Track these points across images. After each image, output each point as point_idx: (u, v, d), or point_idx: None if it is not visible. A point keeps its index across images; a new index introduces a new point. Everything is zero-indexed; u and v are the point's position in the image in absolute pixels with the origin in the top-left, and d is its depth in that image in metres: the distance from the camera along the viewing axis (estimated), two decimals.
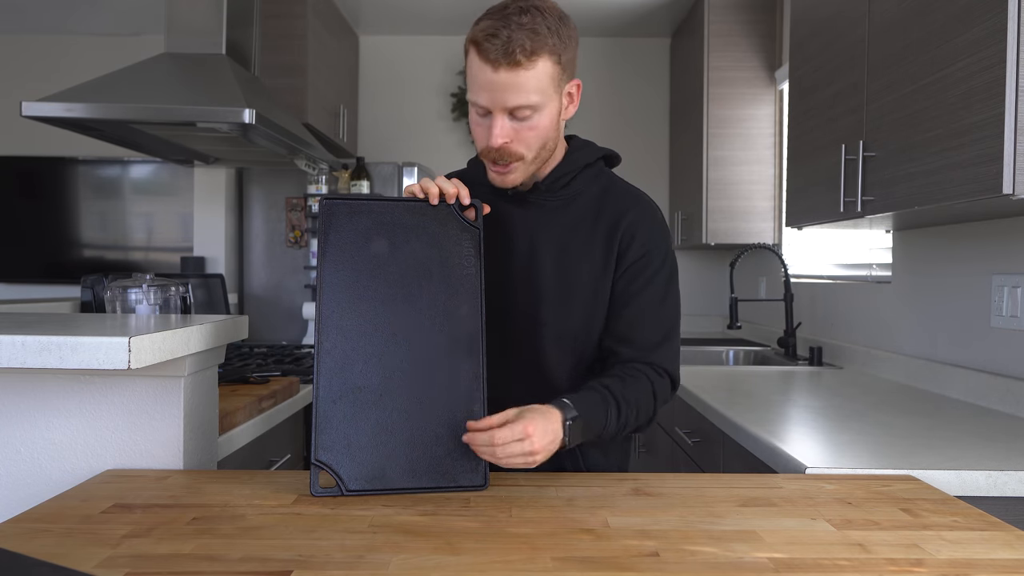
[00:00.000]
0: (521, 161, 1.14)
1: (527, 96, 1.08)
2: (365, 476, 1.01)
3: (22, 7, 3.69)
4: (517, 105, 1.09)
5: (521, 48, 1.05)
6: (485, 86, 1.08)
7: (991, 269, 1.82)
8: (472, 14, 3.77)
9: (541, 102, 1.10)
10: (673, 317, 1.23)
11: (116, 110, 2.10)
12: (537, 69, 1.08)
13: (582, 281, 1.20)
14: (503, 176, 1.16)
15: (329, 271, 1.06)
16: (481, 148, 1.15)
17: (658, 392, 1.18)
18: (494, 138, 1.10)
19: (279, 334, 3.31)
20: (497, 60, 1.06)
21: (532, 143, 1.13)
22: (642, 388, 1.16)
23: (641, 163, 4.06)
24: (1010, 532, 0.90)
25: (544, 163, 1.20)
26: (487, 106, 1.10)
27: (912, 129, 1.59)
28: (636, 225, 1.21)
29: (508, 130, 1.11)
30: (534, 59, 1.07)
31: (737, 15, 3.29)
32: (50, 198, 3.99)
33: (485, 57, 1.07)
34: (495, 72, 1.07)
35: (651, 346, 1.20)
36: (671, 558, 0.81)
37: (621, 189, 1.27)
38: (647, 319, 1.20)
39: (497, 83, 1.07)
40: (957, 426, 1.57)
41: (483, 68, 1.08)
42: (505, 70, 1.06)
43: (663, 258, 1.23)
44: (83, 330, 1.04)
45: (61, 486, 1.13)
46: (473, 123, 1.15)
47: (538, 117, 1.11)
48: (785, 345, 2.83)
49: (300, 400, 1.98)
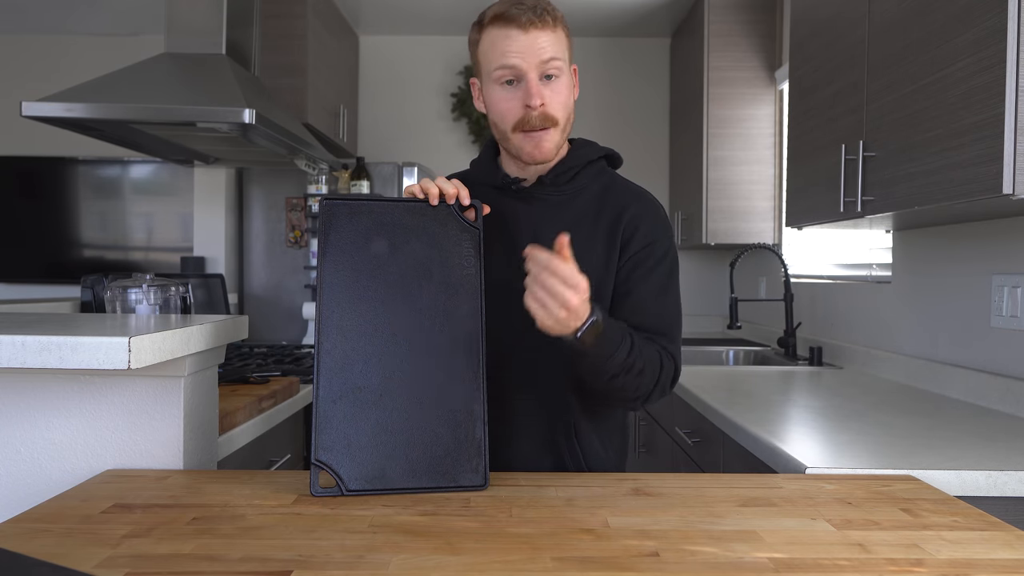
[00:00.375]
0: (556, 127, 1.18)
1: (557, 51, 1.16)
2: (365, 476, 1.01)
3: (22, 7, 3.69)
4: (551, 57, 1.15)
5: (547, 11, 1.15)
6: (517, 50, 1.14)
7: (991, 269, 1.82)
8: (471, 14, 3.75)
9: (564, 65, 1.18)
10: (675, 310, 1.24)
11: (116, 110, 2.10)
12: (559, 33, 1.17)
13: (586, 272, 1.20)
14: (539, 145, 1.18)
15: (329, 271, 1.06)
16: (516, 119, 1.17)
17: (664, 368, 1.17)
18: (533, 97, 1.14)
19: (279, 334, 3.31)
20: (530, 20, 1.13)
21: (560, 107, 1.18)
22: (653, 353, 1.16)
23: (641, 163, 4.06)
24: (1010, 532, 0.90)
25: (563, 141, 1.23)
26: (520, 65, 1.14)
27: (912, 129, 1.59)
28: (639, 218, 1.23)
29: (543, 91, 1.16)
30: (557, 24, 1.16)
31: (737, 15, 3.29)
32: (50, 198, 3.99)
33: (515, 22, 1.13)
34: (526, 32, 1.13)
35: (657, 333, 1.20)
36: (671, 558, 0.81)
37: (624, 186, 1.28)
38: (650, 308, 1.21)
39: (530, 43, 1.14)
40: (957, 426, 1.57)
41: (510, 34, 1.14)
42: (536, 29, 1.14)
43: (665, 251, 1.24)
44: (83, 330, 1.04)
45: (61, 486, 1.13)
46: (499, 101, 1.18)
47: (563, 81, 1.18)
48: (785, 345, 2.83)
49: (300, 400, 1.98)
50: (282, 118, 2.42)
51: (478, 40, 1.18)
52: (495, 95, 1.18)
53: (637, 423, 2.88)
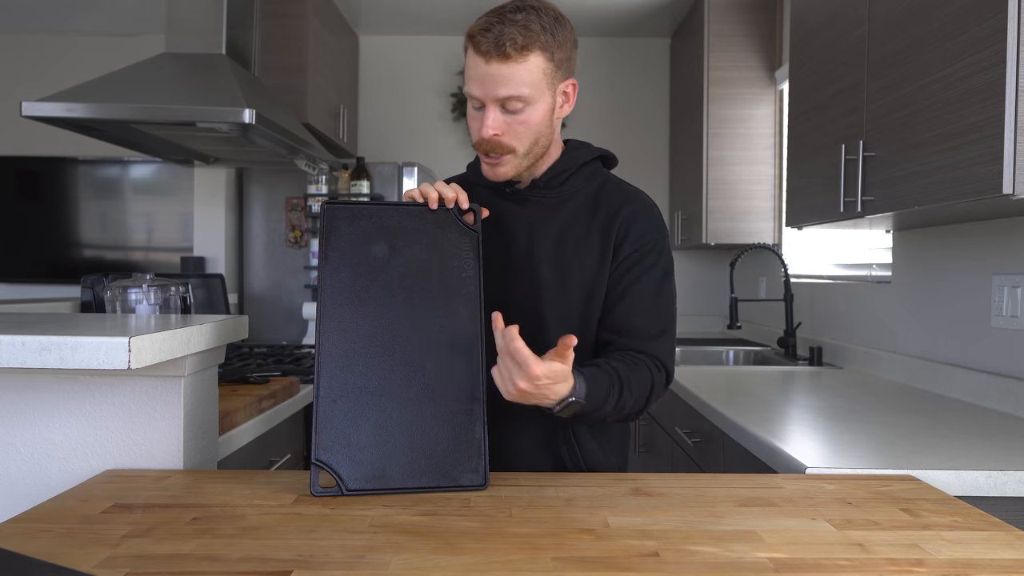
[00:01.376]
0: (512, 154, 1.17)
1: (516, 88, 1.12)
2: (365, 476, 1.02)
3: (22, 7, 3.69)
4: (507, 96, 1.12)
5: (511, 42, 1.10)
6: (477, 78, 1.13)
7: (991, 269, 1.82)
8: (472, 14, 3.78)
9: (532, 96, 1.14)
10: (669, 312, 1.23)
11: (116, 110, 2.10)
12: (528, 63, 1.12)
13: (580, 275, 1.21)
14: (494, 169, 1.19)
15: (330, 274, 1.06)
16: (475, 140, 1.18)
17: (655, 385, 1.17)
18: (485, 129, 1.14)
19: (279, 334, 3.31)
20: (488, 52, 1.11)
21: (523, 137, 1.16)
22: (643, 378, 1.16)
23: (641, 163, 4.06)
24: (1010, 532, 0.90)
25: (537, 160, 1.22)
26: (479, 97, 1.14)
27: (912, 129, 1.59)
28: (632, 219, 1.22)
29: (500, 122, 1.15)
30: (525, 53, 1.11)
31: (737, 15, 3.29)
32: (50, 198, 3.99)
33: (477, 49, 1.12)
34: (487, 64, 1.11)
35: (649, 338, 1.20)
36: (671, 558, 0.81)
37: (617, 187, 1.28)
38: (644, 311, 1.20)
39: (488, 75, 1.12)
40: (957, 426, 1.57)
41: (476, 61, 1.13)
42: (496, 62, 1.11)
43: (659, 253, 1.23)
44: (83, 330, 1.04)
45: (61, 486, 1.13)
46: (470, 117, 1.20)
47: (529, 111, 1.15)
48: (785, 345, 2.83)
49: (300, 400, 1.98)
50: (282, 118, 2.42)
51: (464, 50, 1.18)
52: (468, 110, 1.20)
53: (637, 423, 2.88)
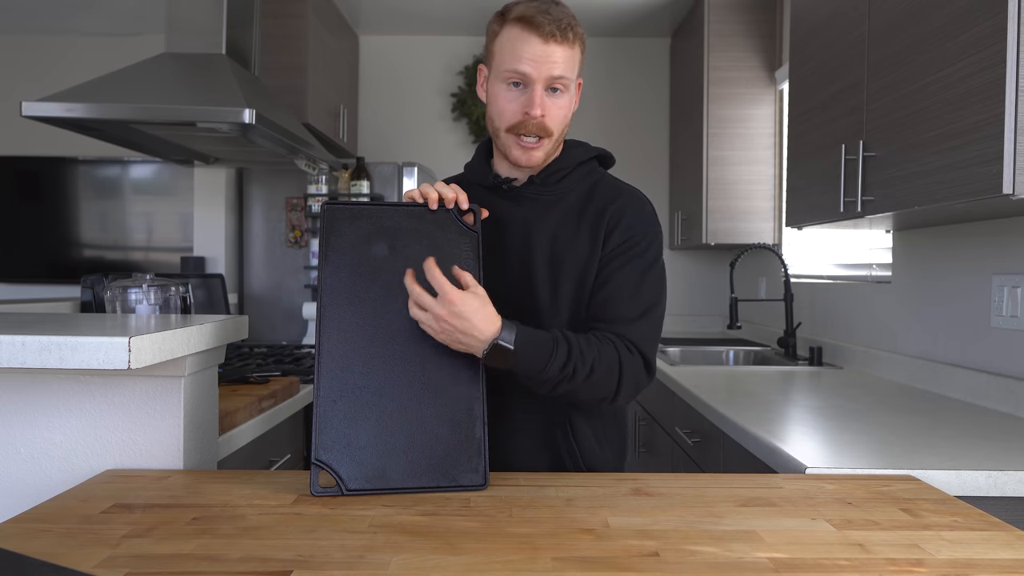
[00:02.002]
0: (549, 138, 1.20)
1: (567, 70, 1.17)
2: (365, 476, 1.02)
3: (22, 7, 3.69)
4: (560, 75, 1.16)
5: (570, 27, 1.16)
6: (533, 57, 1.15)
7: (991, 269, 1.82)
8: (472, 14, 3.78)
9: (571, 81, 1.20)
10: (651, 299, 1.20)
11: (116, 110, 2.10)
12: (575, 51, 1.19)
13: (572, 270, 1.22)
14: (530, 152, 1.20)
15: (330, 274, 1.07)
16: (514, 121, 1.19)
17: (624, 364, 1.14)
18: (535, 108, 1.17)
19: (279, 334, 3.31)
20: (552, 33, 1.14)
21: (558, 122, 1.20)
22: (607, 354, 1.13)
23: (641, 163, 4.06)
24: (1010, 532, 0.90)
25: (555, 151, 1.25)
26: (531, 74, 1.16)
27: (912, 129, 1.59)
28: (622, 211, 1.23)
29: (545, 102, 1.18)
30: (575, 41, 1.18)
31: (737, 15, 3.29)
32: (50, 198, 3.99)
33: (537, 30, 1.14)
34: (545, 44, 1.15)
35: (625, 321, 1.18)
36: (671, 558, 0.81)
37: (611, 183, 1.29)
38: (624, 298, 1.19)
39: (546, 54, 1.15)
40: (957, 426, 1.57)
41: (531, 40, 1.15)
42: (555, 43, 1.15)
43: (647, 244, 1.22)
44: (83, 330, 1.04)
45: (61, 486, 1.13)
46: (502, 99, 1.19)
47: (566, 97, 1.20)
48: (785, 345, 2.83)
49: (300, 400, 1.98)
50: (282, 118, 2.42)
51: (498, 32, 1.19)
52: (499, 91, 1.19)
53: (637, 423, 2.88)
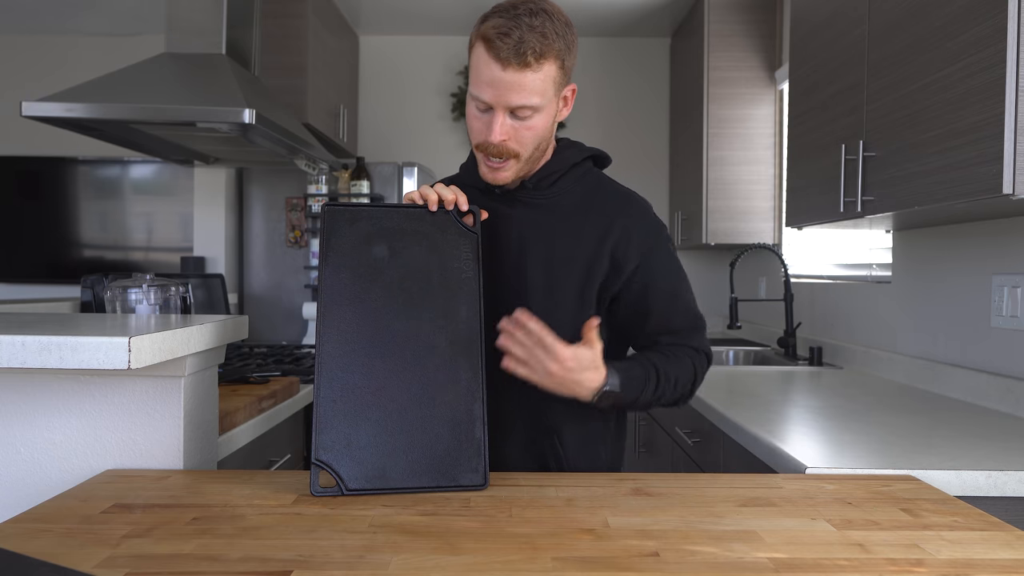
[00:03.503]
0: (516, 159, 1.17)
1: (530, 97, 1.11)
2: (365, 476, 1.02)
3: (22, 7, 3.69)
4: (520, 105, 1.11)
5: (532, 50, 1.07)
6: (491, 83, 1.10)
7: (991, 269, 1.82)
8: (472, 14, 3.78)
9: (542, 104, 1.13)
10: (692, 300, 1.28)
11: (116, 110, 2.10)
12: (543, 72, 1.10)
13: (570, 276, 1.21)
14: (495, 173, 1.18)
15: (330, 275, 1.07)
16: (478, 142, 1.17)
17: (698, 369, 1.24)
18: (494, 135, 1.13)
19: (279, 334, 3.31)
20: (508, 59, 1.07)
21: (528, 143, 1.16)
22: (685, 367, 1.22)
23: (641, 163, 4.06)
24: (1010, 532, 0.90)
25: (536, 163, 1.22)
26: (490, 103, 1.12)
27: (912, 129, 1.59)
28: (631, 227, 1.22)
29: (508, 128, 1.13)
30: (541, 62, 1.09)
31: (737, 15, 3.29)
32: (50, 198, 3.99)
33: (495, 55, 1.08)
34: (503, 70, 1.08)
35: (688, 332, 1.25)
36: (671, 558, 0.81)
37: (610, 188, 1.27)
38: (677, 310, 1.25)
39: (504, 81, 1.09)
40: (957, 426, 1.57)
41: (491, 65, 1.09)
42: (513, 70, 1.08)
43: (666, 251, 1.25)
44: (83, 330, 1.04)
45: (61, 486, 1.13)
46: (471, 116, 1.17)
47: (537, 118, 1.14)
48: (785, 345, 2.83)
49: (300, 400, 1.98)
50: (282, 118, 2.42)
51: (471, 47, 1.15)
52: (470, 109, 1.17)
53: (637, 423, 2.88)
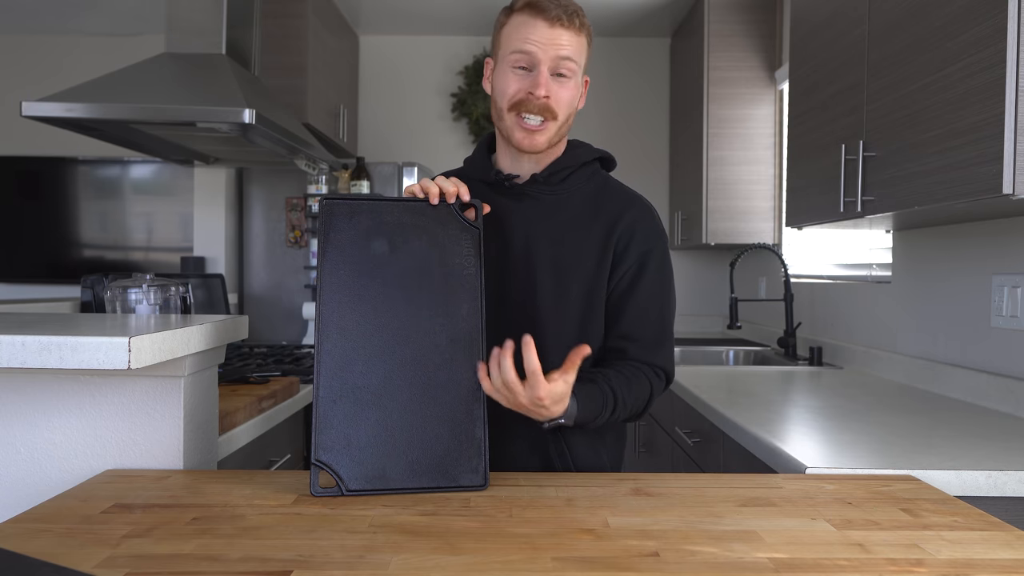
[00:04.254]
0: (554, 121, 1.20)
1: (575, 52, 1.18)
2: (365, 476, 1.01)
3: (22, 7, 3.69)
4: (567, 56, 1.17)
5: (577, 14, 1.19)
6: (537, 38, 1.17)
7: (991, 269, 1.82)
8: (472, 14, 3.78)
9: (578, 67, 1.20)
10: (671, 315, 1.28)
11: (116, 110, 2.10)
12: (582, 39, 1.20)
13: (577, 274, 1.22)
14: (533, 137, 1.20)
15: (329, 271, 1.06)
16: (518, 99, 1.18)
17: (654, 393, 1.24)
18: (541, 88, 1.17)
19: (279, 334, 3.31)
20: (558, 17, 1.16)
21: (564, 105, 1.20)
22: (642, 389, 1.21)
23: (641, 163, 4.06)
24: (1010, 532, 0.90)
25: (562, 139, 1.25)
26: (537, 54, 1.17)
27: (912, 129, 1.59)
28: (634, 226, 1.24)
29: (551, 84, 1.18)
30: (582, 30, 1.20)
31: (737, 15, 3.29)
32: (50, 198, 3.99)
33: (544, 15, 1.16)
34: (551, 27, 1.16)
35: (654, 345, 1.24)
36: (671, 558, 0.81)
37: (617, 189, 1.29)
38: (649, 317, 1.24)
39: (552, 36, 1.16)
40: (957, 426, 1.57)
41: (537, 24, 1.17)
42: (561, 27, 1.16)
43: (661, 258, 1.26)
44: (83, 330, 1.04)
45: (61, 486, 1.13)
46: (506, 80, 1.20)
47: (573, 82, 1.20)
48: (785, 345, 2.83)
49: (300, 400, 1.98)
50: (282, 118, 2.42)
51: (504, 23, 1.21)
52: (505, 75, 1.20)
53: (637, 423, 2.88)
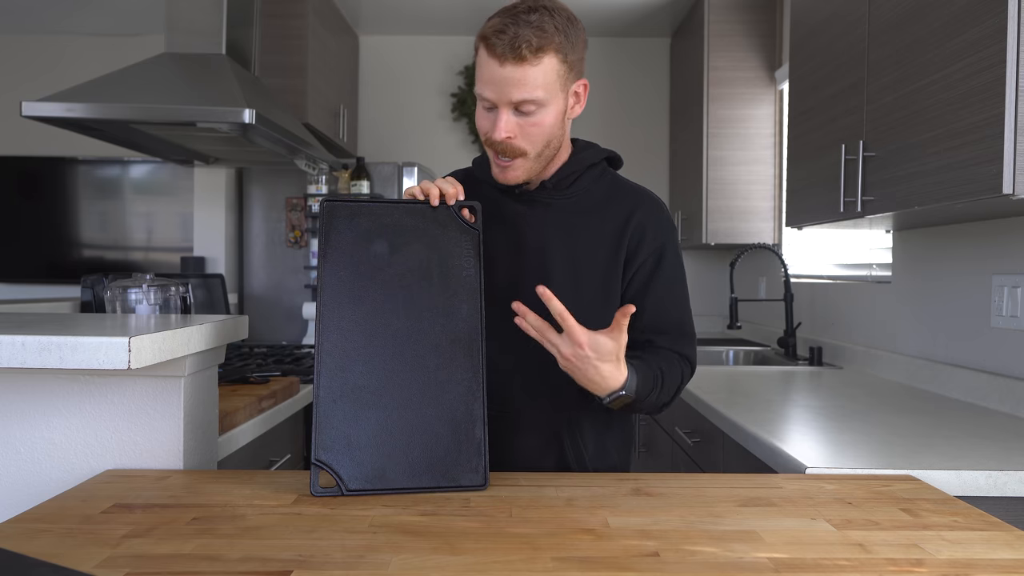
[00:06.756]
0: (524, 157, 1.17)
1: (531, 91, 1.11)
2: (365, 476, 1.01)
3: (22, 7, 3.69)
4: (521, 99, 1.11)
5: (527, 44, 1.09)
6: (491, 80, 1.11)
7: (991, 269, 1.82)
8: (472, 14, 3.78)
9: (545, 98, 1.13)
10: (688, 306, 1.29)
11: (116, 110, 2.10)
12: (543, 66, 1.11)
13: (592, 275, 1.22)
14: (504, 172, 1.19)
15: (329, 272, 1.06)
16: (487, 137, 1.18)
17: (683, 381, 1.24)
18: (498, 132, 1.13)
19: (279, 334, 3.31)
20: (504, 55, 1.09)
21: (536, 139, 1.16)
22: (676, 375, 1.22)
23: (641, 163, 4.06)
24: (1010, 532, 0.90)
25: (549, 162, 1.22)
26: (493, 100, 1.13)
27: (912, 129, 1.59)
28: (645, 222, 1.25)
29: (512, 125, 1.14)
30: (540, 56, 1.10)
31: (737, 15, 3.29)
32: (50, 198, 3.99)
33: (492, 52, 1.10)
34: (501, 67, 1.10)
35: (679, 335, 1.25)
36: (671, 558, 0.81)
37: (627, 187, 1.30)
38: (671, 309, 1.25)
39: (503, 78, 1.10)
40: (957, 426, 1.57)
41: (490, 63, 1.11)
42: (511, 65, 1.09)
43: (673, 251, 1.27)
44: (83, 330, 1.04)
45: (61, 486, 1.13)
46: (479, 115, 1.18)
47: (542, 114, 1.14)
48: (785, 345, 2.83)
49: (300, 400, 1.98)
50: (282, 118, 2.42)
51: (476, 49, 1.16)
52: (479, 109, 1.18)
53: (637, 423, 2.88)
